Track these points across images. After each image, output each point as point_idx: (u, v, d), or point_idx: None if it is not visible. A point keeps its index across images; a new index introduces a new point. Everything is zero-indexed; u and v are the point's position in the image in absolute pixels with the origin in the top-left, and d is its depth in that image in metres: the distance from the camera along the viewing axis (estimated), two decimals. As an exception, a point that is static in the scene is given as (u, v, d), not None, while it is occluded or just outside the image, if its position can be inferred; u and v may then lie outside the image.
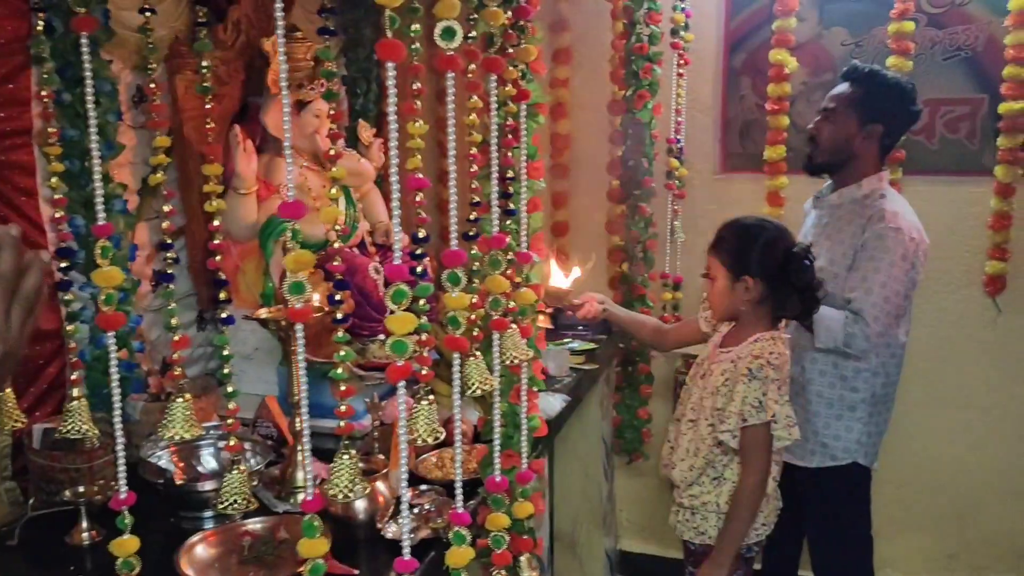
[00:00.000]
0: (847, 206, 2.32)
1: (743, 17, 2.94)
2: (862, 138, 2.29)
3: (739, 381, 1.92)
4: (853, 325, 2.17)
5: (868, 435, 2.34)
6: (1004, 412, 2.92)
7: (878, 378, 2.32)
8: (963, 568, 3.04)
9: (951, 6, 2.76)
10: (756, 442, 1.92)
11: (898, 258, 2.18)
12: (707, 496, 2.01)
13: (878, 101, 2.27)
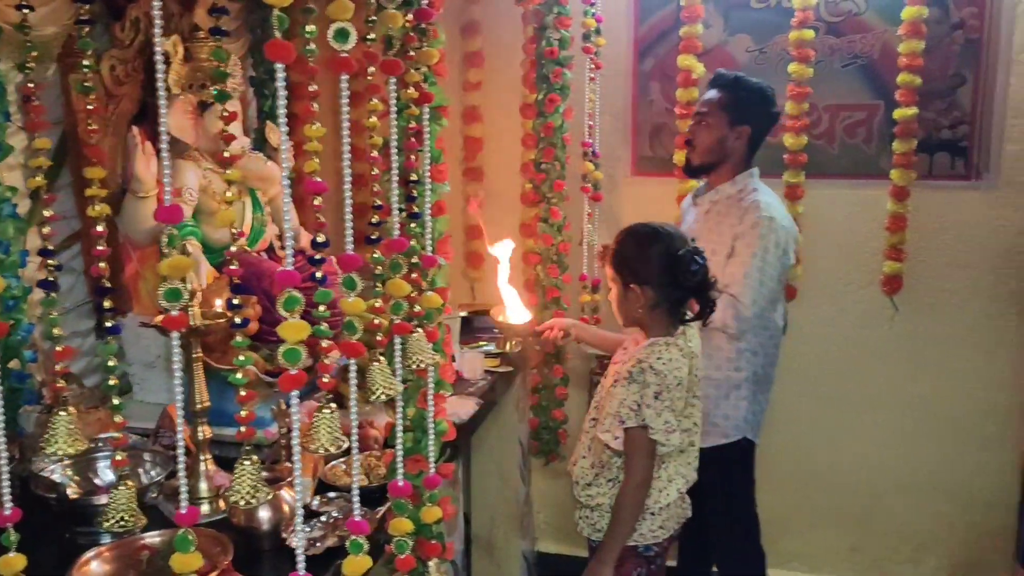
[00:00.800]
0: (724, 201, 2.49)
1: (651, 23, 3.00)
2: (733, 139, 2.47)
3: (621, 383, 1.96)
4: (729, 307, 2.33)
5: (753, 412, 2.52)
6: (902, 408, 3.04)
7: (758, 358, 2.49)
8: (865, 560, 3.15)
9: (848, 15, 2.86)
10: (636, 445, 1.95)
11: (771, 245, 2.36)
12: (602, 498, 2.04)
13: (744, 105, 2.45)
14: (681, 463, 2.07)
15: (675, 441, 1.97)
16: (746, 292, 2.34)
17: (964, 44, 2.80)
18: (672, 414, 1.97)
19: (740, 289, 2.34)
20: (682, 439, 2.02)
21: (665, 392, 1.95)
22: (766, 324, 2.48)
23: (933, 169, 2.89)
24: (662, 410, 1.94)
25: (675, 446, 1.98)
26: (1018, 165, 2.81)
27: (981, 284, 2.90)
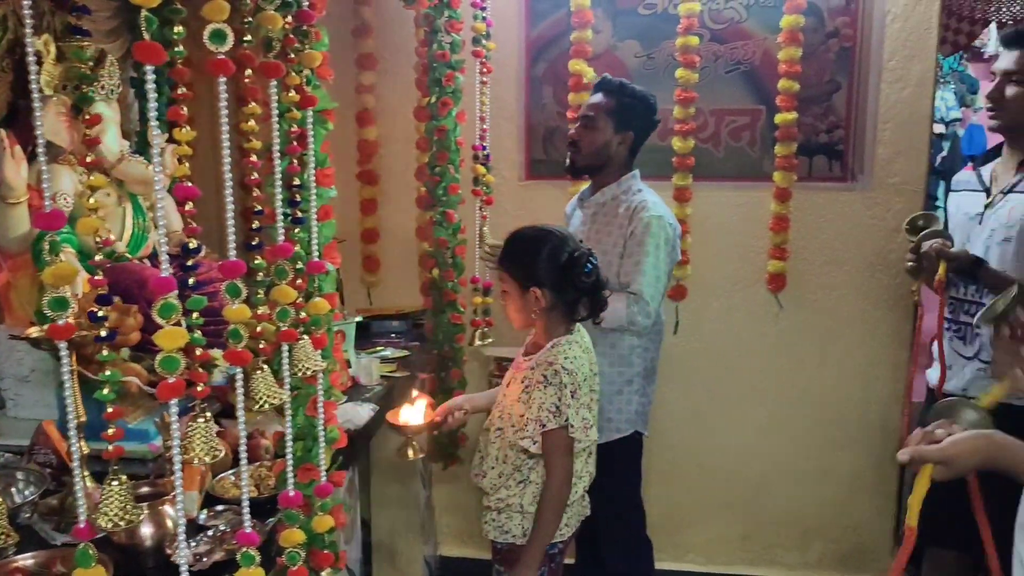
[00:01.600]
0: (610, 203, 2.55)
1: (543, 27, 3.03)
2: (617, 144, 2.53)
3: (536, 388, 1.98)
4: (635, 305, 2.41)
5: (643, 405, 2.61)
6: (788, 400, 3.16)
7: (648, 353, 2.58)
8: (755, 547, 3.26)
9: (731, 23, 2.96)
10: (556, 446, 1.97)
11: (662, 242, 2.44)
12: (512, 498, 2.05)
13: (629, 111, 2.52)
14: (583, 463, 2.10)
15: (593, 436, 2.03)
16: (647, 290, 2.41)
17: (839, 52, 2.93)
18: (587, 411, 2.02)
19: (641, 287, 2.41)
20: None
21: (578, 390, 1.99)
22: (656, 319, 2.55)
23: (812, 171, 3.02)
24: (579, 408, 1.98)
25: (592, 441, 2.03)
26: (889, 168, 2.97)
27: (857, 280, 3.05)
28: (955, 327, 2.40)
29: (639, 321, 2.42)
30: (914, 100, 2.92)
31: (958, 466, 1.26)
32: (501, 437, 2.07)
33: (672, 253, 2.49)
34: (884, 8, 2.87)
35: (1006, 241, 2.26)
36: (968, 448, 1.25)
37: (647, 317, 2.42)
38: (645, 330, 2.47)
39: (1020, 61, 2.22)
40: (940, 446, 1.27)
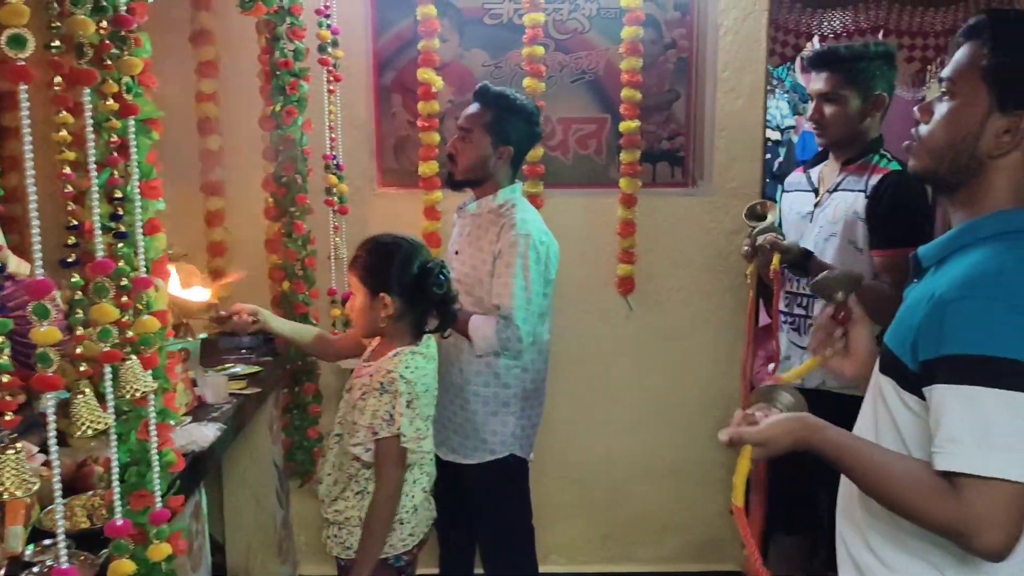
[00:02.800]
0: (485, 216, 2.48)
1: (390, 36, 3.01)
2: (496, 158, 2.45)
3: (371, 395, 1.96)
4: (505, 330, 2.34)
5: (522, 428, 2.52)
6: (641, 401, 3.26)
7: (527, 374, 2.50)
8: (615, 546, 3.34)
9: (575, 33, 3.03)
10: (388, 455, 1.96)
11: (531, 261, 2.37)
12: (351, 511, 2.02)
13: (508, 124, 2.44)
14: (425, 461, 2.10)
15: (427, 447, 2.02)
16: (517, 313, 2.34)
17: (677, 63, 3.06)
18: (423, 421, 2.01)
19: (510, 310, 2.34)
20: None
21: (415, 400, 1.98)
22: (535, 340, 2.49)
23: (656, 177, 3.13)
24: (414, 418, 1.97)
25: (426, 452, 2.02)
26: (727, 173, 3.11)
27: (701, 281, 3.18)
28: (790, 319, 2.54)
29: (512, 346, 2.35)
30: (747, 109, 3.08)
31: (773, 447, 1.32)
32: (338, 444, 2.06)
33: (545, 273, 2.43)
34: (717, 21, 3.01)
35: (833, 236, 2.41)
36: (782, 430, 1.32)
37: (519, 341, 2.34)
38: (520, 354, 2.41)
39: (830, 81, 2.38)
40: (758, 428, 1.33)
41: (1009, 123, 1.22)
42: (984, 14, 1.27)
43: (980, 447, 1.12)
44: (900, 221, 2.29)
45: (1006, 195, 1.25)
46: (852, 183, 2.40)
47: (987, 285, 1.16)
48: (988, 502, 1.11)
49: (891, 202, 2.29)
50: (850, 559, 1.39)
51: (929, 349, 1.19)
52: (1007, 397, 1.12)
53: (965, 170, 1.26)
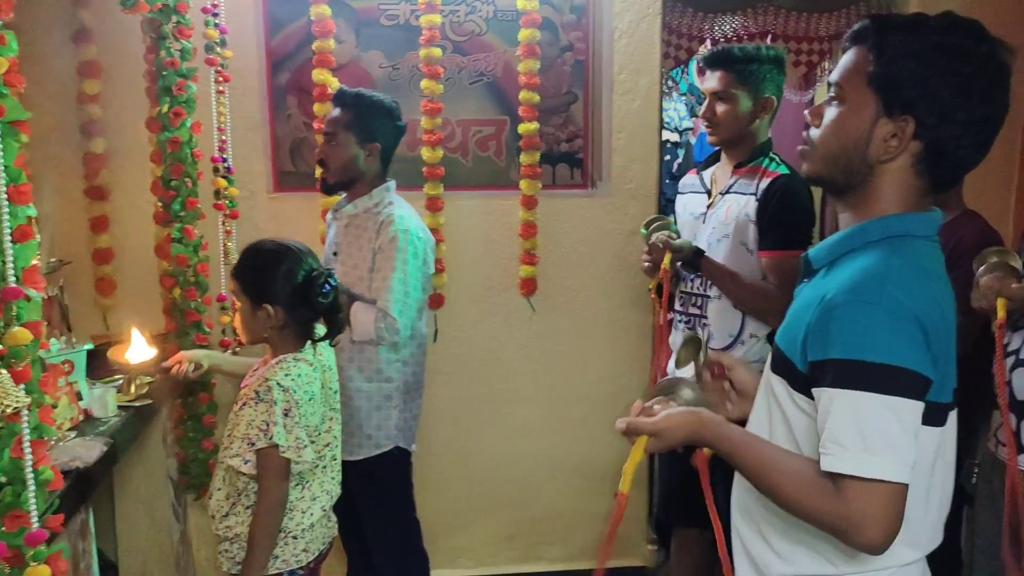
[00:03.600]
0: (362, 215, 2.53)
1: (283, 36, 2.95)
2: (364, 157, 2.51)
3: (248, 404, 1.91)
4: (383, 320, 2.39)
5: (405, 420, 2.58)
6: (545, 401, 3.27)
7: (408, 367, 2.57)
8: (521, 546, 3.35)
9: (472, 35, 3.02)
10: (268, 466, 1.91)
11: (410, 256, 2.43)
12: (241, 527, 1.96)
13: (370, 122, 2.49)
14: (325, 480, 2.06)
15: (308, 457, 1.95)
16: (394, 304, 2.40)
17: (574, 65, 3.08)
18: (304, 430, 1.94)
19: (388, 303, 2.39)
20: (322, 454, 2.00)
21: (295, 408, 1.92)
22: (414, 333, 2.55)
23: (556, 179, 3.15)
24: (292, 427, 1.91)
25: (309, 462, 1.96)
26: (625, 175, 3.16)
27: (602, 281, 3.22)
28: (685, 318, 2.59)
29: (386, 337, 2.41)
30: (643, 111, 3.13)
31: (668, 439, 1.33)
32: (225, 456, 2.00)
33: (423, 267, 2.49)
34: (612, 25, 3.05)
35: (725, 238, 2.47)
36: (677, 422, 1.33)
37: (395, 333, 2.40)
38: (396, 346, 2.46)
39: (723, 80, 2.44)
40: (653, 419, 1.34)
41: (896, 128, 1.24)
42: (868, 20, 1.29)
43: (861, 450, 1.15)
44: (786, 224, 2.37)
45: (894, 199, 1.28)
46: (743, 186, 2.46)
47: (871, 291, 1.18)
48: (867, 501, 1.15)
49: (778, 206, 2.36)
50: (744, 551, 1.42)
51: (817, 351, 1.22)
52: (888, 401, 1.15)
53: (856, 174, 1.28)
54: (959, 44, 1.21)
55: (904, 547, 1.27)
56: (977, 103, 1.21)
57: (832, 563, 1.29)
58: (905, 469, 1.16)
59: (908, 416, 1.17)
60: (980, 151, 1.26)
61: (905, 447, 1.16)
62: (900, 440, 1.16)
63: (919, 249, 1.26)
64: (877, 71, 1.24)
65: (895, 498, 1.16)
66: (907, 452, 1.16)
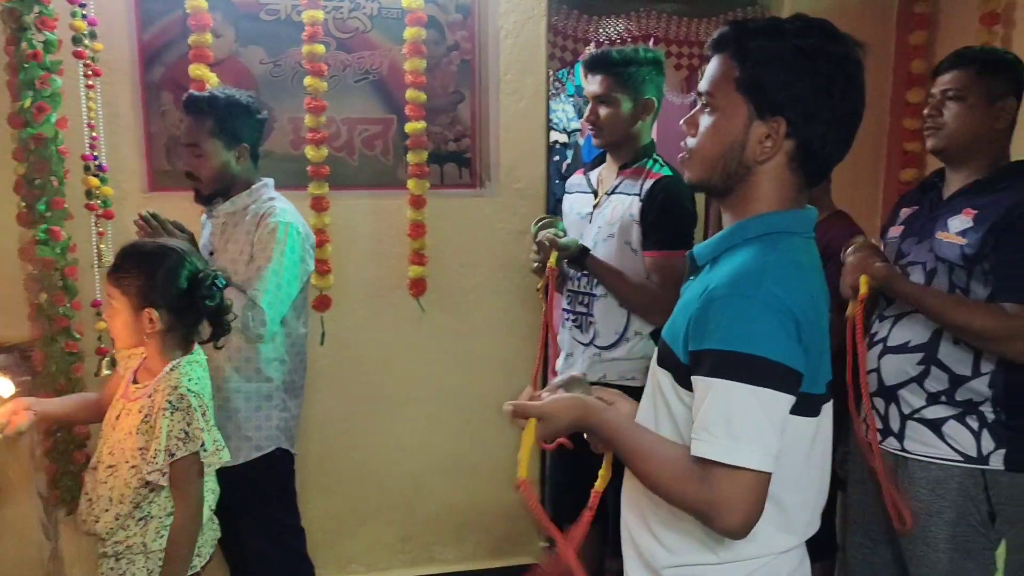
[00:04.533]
0: (240, 212, 2.46)
1: (156, 29, 2.82)
2: (235, 159, 2.43)
3: (160, 416, 1.84)
4: (251, 310, 2.31)
5: (286, 421, 2.52)
6: (437, 401, 3.25)
7: (287, 366, 2.51)
8: (415, 548, 3.32)
9: (356, 33, 2.97)
10: (187, 474, 1.86)
11: (287, 248, 2.37)
12: (134, 539, 1.89)
13: (232, 123, 2.40)
14: (209, 479, 1.99)
15: (225, 457, 1.94)
16: (264, 295, 2.32)
17: (460, 65, 3.07)
18: (217, 431, 1.94)
19: (258, 293, 2.32)
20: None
21: (208, 411, 1.90)
22: (290, 331, 2.50)
23: (444, 179, 3.13)
24: (211, 429, 1.89)
25: (223, 464, 1.93)
26: (513, 174, 3.17)
27: (492, 281, 3.22)
28: (573, 317, 2.61)
29: (251, 327, 2.32)
30: (530, 111, 3.15)
31: (554, 423, 1.36)
32: (114, 475, 1.89)
33: (300, 263, 2.43)
34: (498, 25, 3.05)
35: (610, 237, 2.51)
36: (563, 406, 1.37)
37: (261, 325, 2.32)
38: (261, 338, 2.37)
39: (604, 84, 2.47)
40: (539, 403, 1.38)
41: (768, 129, 1.28)
42: (727, 27, 1.32)
43: (729, 437, 1.19)
44: (668, 225, 2.42)
45: (771, 197, 1.32)
46: (628, 187, 2.51)
47: (748, 285, 1.22)
48: (732, 487, 1.19)
49: (661, 207, 2.41)
50: (632, 543, 1.44)
51: (696, 341, 1.25)
52: (757, 392, 1.19)
53: (734, 176, 1.32)
54: (817, 45, 1.26)
55: (781, 534, 1.33)
56: (839, 100, 1.27)
57: (714, 552, 1.33)
58: (769, 459, 1.20)
59: (776, 408, 1.20)
60: (845, 145, 1.32)
61: (771, 437, 1.20)
62: (766, 430, 1.19)
63: (795, 245, 1.31)
64: (743, 77, 1.28)
65: (757, 486, 1.20)
66: (772, 442, 1.20)
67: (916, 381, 2.03)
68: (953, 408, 2.00)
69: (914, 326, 2.04)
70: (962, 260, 1.97)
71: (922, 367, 2.02)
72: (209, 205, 2.50)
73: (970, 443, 1.98)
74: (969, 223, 1.98)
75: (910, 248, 2.12)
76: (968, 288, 1.97)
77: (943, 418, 2.01)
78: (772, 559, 1.33)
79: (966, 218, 1.99)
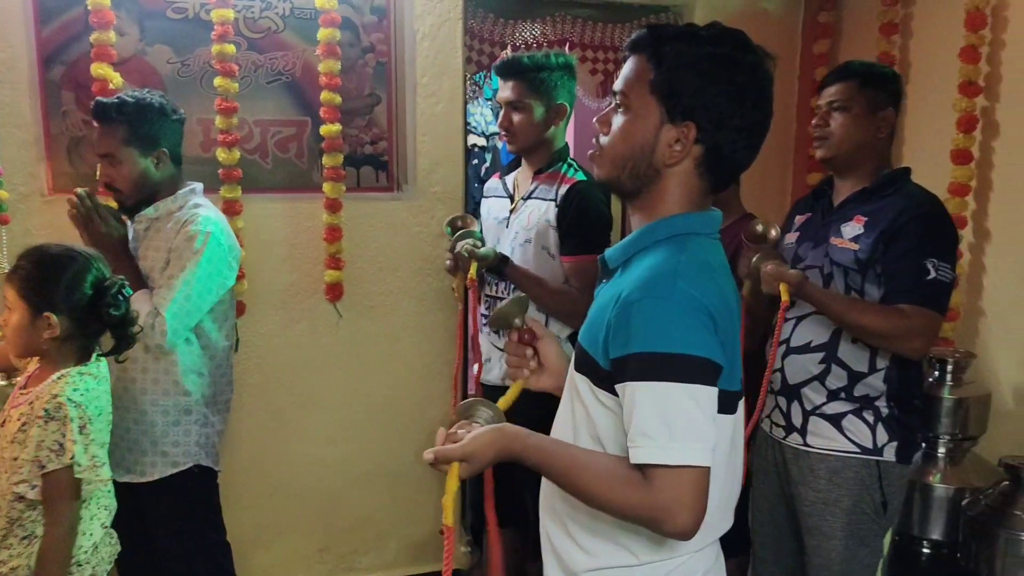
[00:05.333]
0: (164, 218, 2.35)
1: (56, 27, 2.71)
2: (153, 167, 2.32)
3: (34, 424, 1.76)
4: (154, 317, 2.20)
5: (208, 436, 2.42)
6: (355, 406, 3.21)
7: (204, 379, 2.40)
8: (333, 558, 3.27)
9: (268, 33, 2.91)
10: (58, 489, 1.77)
11: (204, 260, 2.26)
12: (17, 560, 1.79)
13: (147, 128, 2.30)
14: (102, 494, 1.91)
15: (105, 475, 1.84)
16: (170, 307, 2.21)
17: (376, 67, 3.04)
18: (99, 447, 1.82)
19: (163, 303, 2.21)
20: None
21: (89, 425, 1.79)
22: (209, 343, 2.40)
23: (361, 182, 3.09)
24: (88, 444, 1.79)
25: (105, 480, 1.84)
26: (430, 177, 3.15)
27: (410, 285, 3.19)
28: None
29: (152, 337, 2.20)
30: (447, 114, 3.13)
31: (478, 460, 1.32)
32: None
33: (219, 275, 2.32)
34: (414, 27, 3.03)
35: (527, 242, 2.52)
36: (485, 442, 1.33)
37: (161, 336, 2.20)
38: (161, 349, 2.26)
39: (516, 90, 2.48)
40: (460, 444, 1.33)
41: (679, 133, 1.29)
42: (645, 30, 1.34)
43: (667, 438, 1.19)
44: (584, 229, 2.44)
45: (679, 200, 1.34)
46: (544, 192, 2.52)
47: (663, 287, 1.23)
48: (676, 488, 1.19)
49: (577, 211, 2.43)
50: (552, 548, 1.44)
51: (618, 348, 1.25)
52: (687, 389, 1.20)
53: (643, 177, 1.33)
54: (730, 54, 1.28)
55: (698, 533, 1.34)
56: (750, 109, 1.30)
57: (634, 554, 1.34)
58: (708, 452, 1.21)
59: (707, 401, 1.22)
60: (753, 152, 1.35)
61: (707, 431, 1.21)
62: (701, 425, 1.20)
63: (703, 245, 1.33)
64: (658, 80, 1.29)
65: (701, 481, 1.20)
66: (708, 436, 1.21)
67: (818, 379, 2.14)
68: (851, 403, 2.11)
69: (815, 327, 2.14)
70: (856, 264, 2.09)
71: (823, 366, 2.13)
72: (134, 215, 2.37)
73: (866, 436, 2.10)
74: (860, 229, 2.10)
75: (806, 253, 2.22)
76: (863, 290, 2.10)
77: (842, 413, 2.12)
78: (688, 558, 1.35)
79: (857, 224, 2.11)
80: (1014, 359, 2.72)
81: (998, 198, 2.78)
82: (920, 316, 1.99)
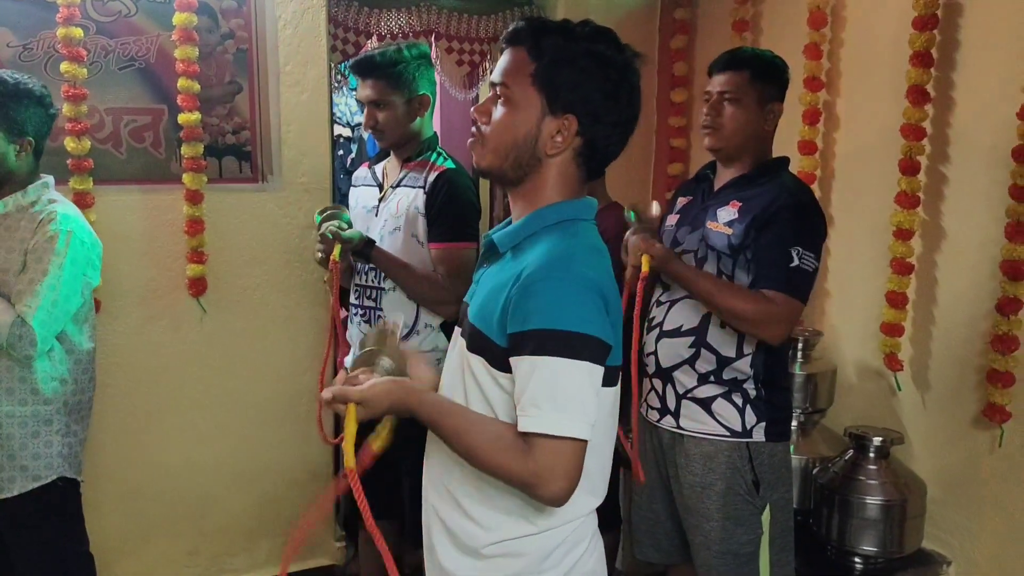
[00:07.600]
0: (15, 215, 2.21)
1: None
2: (16, 153, 2.18)
3: None
4: (20, 328, 2.08)
5: (70, 446, 2.30)
6: (222, 404, 3.12)
7: (67, 386, 2.27)
8: (203, 561, 3.17)
9: (119, 16, 2.78)
10: None
11: (67, 261, 2.16)
12: None
13: (18, 113, 2.16)
14: None
15: None
16: (35, 313, 2.09)
17: (236, 54, 2.95)
18: None
19: (28, 311, 2.09)
20: None
21: None
22: (72, 347, 2.27)
23: (223, 173, 3.00)
24: None
25: None
26: (297, 168, 3.09)
27: (277, 278, 3.12)
28: (361, 311, 2.59)
29: (20, 347, 2.09)
30: (313, 104, 3.08)
31: (374, 406, 1.35)
32: None
33: (83, 276, 2.21)
34: (275, 13, 2.96)
35: (396, 230, 2.50)
36: (383, 390, 1.36)
37: (30, 346, 2.10)
38: (30, 359, 2.15)
39: (375, 88, 2.43)
40: (359, 388, 1.36)
41: (559, 125, 1.36)
42: (523, 23, 1.39)
43: (555, 410, 1.26)
44: (453, 217, 2.45)
45: (559, 188, 1.41)
46: (413, 180, 2.51)
47: (561, 268, 1.30)
48: (555, 457, 1.26)
49: (445, 199, 2.44)
50: (443, 527, 1.46)
51: (516, 323, 1.30)
52: (577, 366, 1.27)
53: (526, 167, 1.39)
54: (605, 52, 1.36)
55: (588, 497, 1.42)
56: (624, 105, 1.39)
57: (532, 522, 1.39)
58: (588, 428, 1.28)
59: (594, 379, 1.30)
60: (623, 145, 1.43)
61: (591, 407, 1.29)
62: (587, 401, 1.28)
63: (588, 230, 1.42)
64: (539, 72, 1.35)
65: (578, 453, 1.28)
66: (592, 412, 1.29)
67: (688, 363, 2.21)
68: (721, 387, 2.19)
69: (686, 311, 2.21)
70: (728, 249, 2.16)
71: (693, 350, 2.20)
72: None
73: (736, 419, 2.18)
74: (735, 215, 2.17)
75: (684, 236, 2.29)
76: (733, 275, 2.17)
77: (712, 396, 2.19)
78: (580, 522, 1.43)
79: (732, 210, 2.19)
80: (856, 336, 2.91)
81: (840, 186, 2.97)
82: (781, 302, 2.06)
